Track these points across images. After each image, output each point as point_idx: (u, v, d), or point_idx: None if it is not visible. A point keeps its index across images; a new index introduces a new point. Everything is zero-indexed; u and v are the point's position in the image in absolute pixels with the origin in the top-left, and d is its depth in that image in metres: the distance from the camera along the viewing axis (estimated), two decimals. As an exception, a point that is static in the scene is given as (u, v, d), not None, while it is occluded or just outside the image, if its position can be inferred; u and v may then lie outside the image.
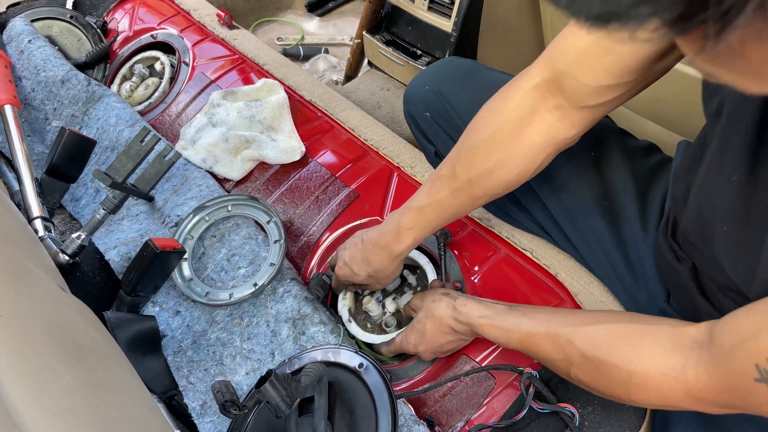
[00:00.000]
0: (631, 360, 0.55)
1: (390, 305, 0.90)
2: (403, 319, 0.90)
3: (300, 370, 0.75)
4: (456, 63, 0.94)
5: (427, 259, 0.89)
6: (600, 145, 0.83)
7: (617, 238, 0.80)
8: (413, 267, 0.92)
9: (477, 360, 0.81)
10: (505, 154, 0.70)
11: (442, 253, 0.89)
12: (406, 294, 0.91)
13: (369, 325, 0.90)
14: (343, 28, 2.04)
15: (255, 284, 0.89)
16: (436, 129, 0.93)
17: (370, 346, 0.89)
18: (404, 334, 0.82)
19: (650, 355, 0.54)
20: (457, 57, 0.98)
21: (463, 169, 0.72)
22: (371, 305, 0.89)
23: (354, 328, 0.88)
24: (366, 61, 1.66)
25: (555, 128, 0.68)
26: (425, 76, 0.94)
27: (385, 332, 0.88)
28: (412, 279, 0.92)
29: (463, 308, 0.74)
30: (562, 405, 0.71)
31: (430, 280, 0.88)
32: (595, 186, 0.81)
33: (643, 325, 0.57)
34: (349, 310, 0.91)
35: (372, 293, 0.92)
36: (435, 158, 0.98)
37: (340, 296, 0.92)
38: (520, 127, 0.69)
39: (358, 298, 0.93)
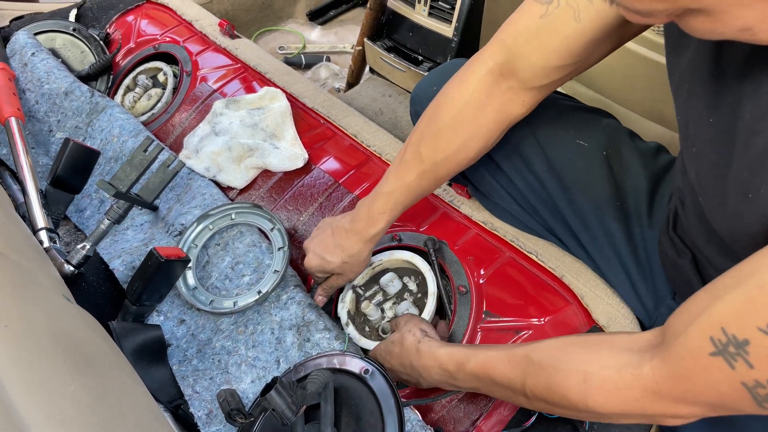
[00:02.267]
0: (589, 362, 0.55)
1: (389, 311, 0.90)
2: None
3: (305, 377, 0.74)
4: (464, 64, 0.95)
5: (429, 267, 0.89)
6: (612, 145, 0.85)
7: (628, 238, 0.81)
8: (416, 273, 0.91)
9: (483, 364, 0.80)
10: (467, 136, 0.77)
11: (434, 259, 0.89)
12: (406, 301, 0.90)
13: (367, 329, 0.90)
14: (344, 35, 2.05)
15: (259, 292, 0.89)
16: None
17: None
18: (379, 345, 0.83)
19: (607, 356, 0.54)
20: (465, 59, 0.99)
21: (429, 153, 0.78)
22: (370, 309, 0.88)
23: (351, 331, 0.88)
24: (367, 68, 1.67)
25: (507, 108, 0.75)
26: (433, 77, 0.95)
27: (381, 338, 0.88)
28: (412, 285, 0.91)
29: (427, 343, 0.75)
30: (570, 409, 0.70)
31: (429, 288, 0.87)
32: (608, 186, 0.83)
33: (601, 336, 0.58)
34: (348, 312, 0.90)
35: (371, 298, 0.91)
36: None
37: (340, 299, 0.92)
38: (479, 111, 0.75)
39: (359, 300, 0.92)
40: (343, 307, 0.90)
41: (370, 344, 0.86)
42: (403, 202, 0.82)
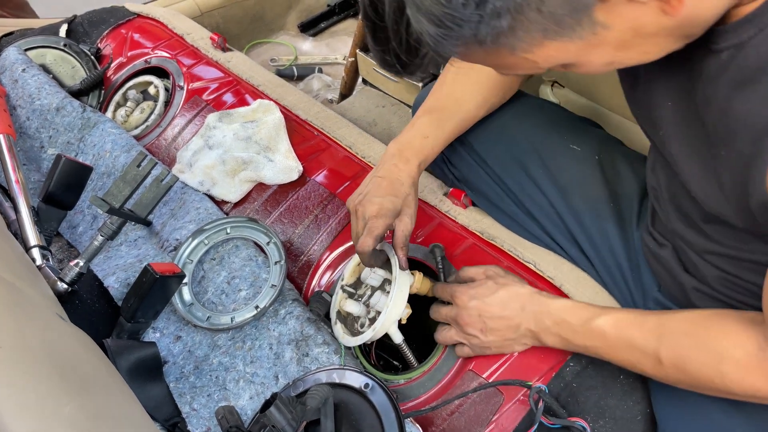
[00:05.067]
0: (725, 341, 0.58)
1: (377, 299, 0.85)
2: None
3: (305, 392, 0.73)
4: None
5: (399, 271, 0.83)
6: (603, 151, 0.88)
7: (623, 238, 0.83)
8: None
9: (484, 376, 0.79)
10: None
11: (441, 267, 0.88)
12: (379, 291, 0.87)
13: (356, 326, 0.87)
14: (336, 47, 2.05)
15: (257, 306, 0.88)
16: None
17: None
18: (461, 289, 0.79)
19: (739, 336, 0.57)
20: None
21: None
22: (352, 306, 0.86)
23: (337, 330, 0.86)
24: (360, 79, 1.67)
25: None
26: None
27: (360, 333, 0.85)
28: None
29: (545, 293, 0.76)
30: (572, 419, 0.69)
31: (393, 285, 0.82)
32: (602, 189, 0.86)
33: (732, 313, 0.61)
34: (338, 312, 0.88)
35: (352, 296, 0.89)
36: (441, 164, 1.00)
37: (333, 298, 0.90)
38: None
39: (348, 299, 0.90)
40: (333, 308, 0.89)
41: (350, 341, 0.83)
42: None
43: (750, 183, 0.50)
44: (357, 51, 1.53)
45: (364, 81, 1.64)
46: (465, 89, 0.87)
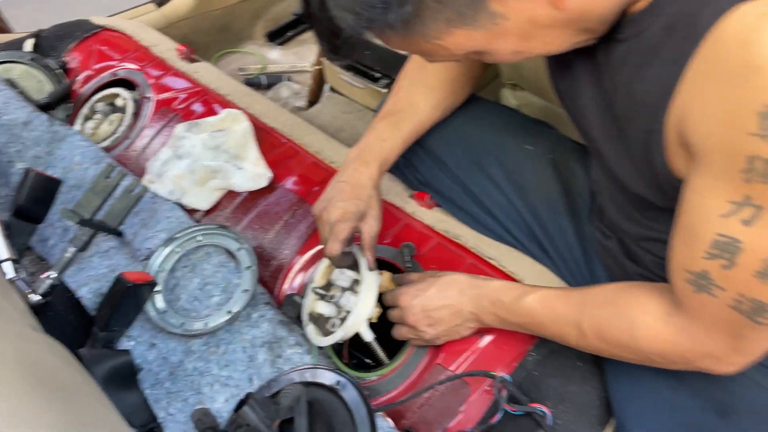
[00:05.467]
0: (636, 307, 0.63)
1: (347, 299, 0.88)
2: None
3: (279, 392, 0.76)
4: None
5: (367, 271, 0.86)
6: (557, 150, 0.93)
7: (577, 233, 0.87)
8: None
9: (451, 369, 0.83)
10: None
11: (410, 266, 0.91)
12: (348, 291, 0.89)
13: (327, 326, 0.89)
14: (303, 54, 2.07)
15: (229, 311, 0.90)
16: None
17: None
18: (409, 286, 0.84)
19: (648, 303, 0.62)
20: None
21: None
22: (324, 307, 0.88)
23: (309, 331, 0.88)
24: (327, 86, 1.70)
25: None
26: None
27: (330, 333, 0.87)
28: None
29: (481, 277, 0.81)
30: (534, 406, 0.73)
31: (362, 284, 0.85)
32: (557, 186, 0.90)
33: (645, 284, 0.65)
34: (310, 314, 0.90)
35: (323, 297, 0.91)
36: (405, 168, 1.03)
37: (304, 300, 0.92)
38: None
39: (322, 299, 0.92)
40: (305, 310, 0.91)
41: (322, 341, 0.85)
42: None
43: (653, 157, 0.55)
44: (322, 59, 1.56)
45: (331, 88, 1.67)
46: (419, 93, 0.91)
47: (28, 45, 1.39)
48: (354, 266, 0.89)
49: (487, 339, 0.83)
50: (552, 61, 0.73)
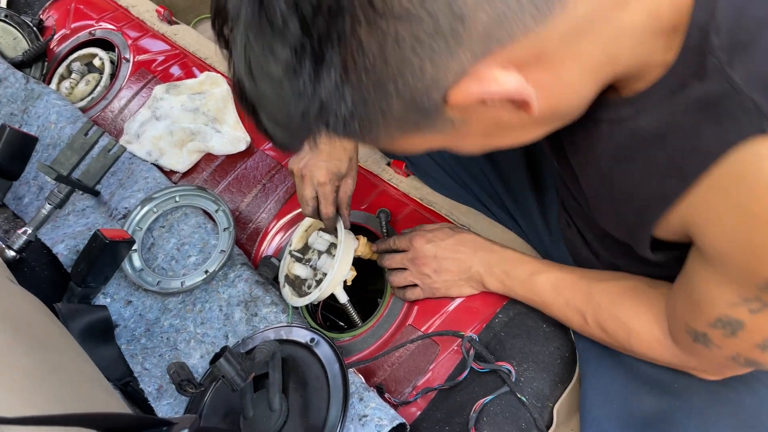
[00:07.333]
0: (635, 318, 0.67)
1: (323, 262, 0.90)
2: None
3: (254, 349, 0.78)
4: None
5: (344, 234, 0.87)
6: None
7: (542, 207, 0.89)
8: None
9: (422, 330, 0.86)
10: None
11: (385, 231, 0.94)
12: (326, 254, 0.91)
13: (303, 288, 0.91)
14: (284, 23, 2.05)
15: (206, 271, 0.91)
16: None
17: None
18: (419, 234, 0.86)
19: (647, 317, 0.66)
20: None
21: None
22: (300, 270, 0.90)
23: (286, 292, 0.90)
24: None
25: None
26: None
27: (306, 294, 0.89)
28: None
29: (499, 246, 0.83)
30: (499, 364, 0.77)
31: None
32: (527, 161, 0.90)
33: (647, 293, 0.67)
34: (287, 276, 0.92)
35: (300, 260, 0.93)
36: None
37: (281, 263, 0.94)
38: None
39: (299, 262, 0.94)
40: (282, 272, 0.93)
41: (298, 302, 0.87)
42: None
43: (636, 244, 0.56)
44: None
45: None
46: None
47: (3, 1, 1.36)
48: (332, 230, 0.91)
49: (457, 302, 0.86)
50: None
